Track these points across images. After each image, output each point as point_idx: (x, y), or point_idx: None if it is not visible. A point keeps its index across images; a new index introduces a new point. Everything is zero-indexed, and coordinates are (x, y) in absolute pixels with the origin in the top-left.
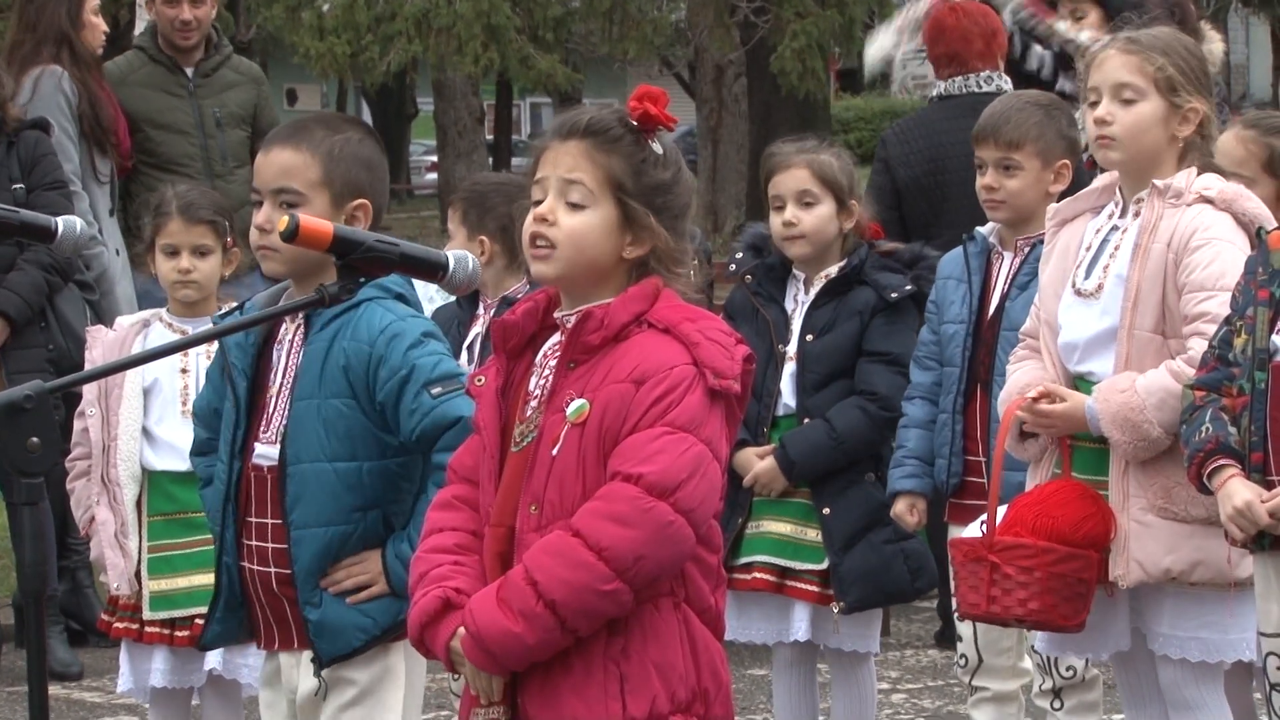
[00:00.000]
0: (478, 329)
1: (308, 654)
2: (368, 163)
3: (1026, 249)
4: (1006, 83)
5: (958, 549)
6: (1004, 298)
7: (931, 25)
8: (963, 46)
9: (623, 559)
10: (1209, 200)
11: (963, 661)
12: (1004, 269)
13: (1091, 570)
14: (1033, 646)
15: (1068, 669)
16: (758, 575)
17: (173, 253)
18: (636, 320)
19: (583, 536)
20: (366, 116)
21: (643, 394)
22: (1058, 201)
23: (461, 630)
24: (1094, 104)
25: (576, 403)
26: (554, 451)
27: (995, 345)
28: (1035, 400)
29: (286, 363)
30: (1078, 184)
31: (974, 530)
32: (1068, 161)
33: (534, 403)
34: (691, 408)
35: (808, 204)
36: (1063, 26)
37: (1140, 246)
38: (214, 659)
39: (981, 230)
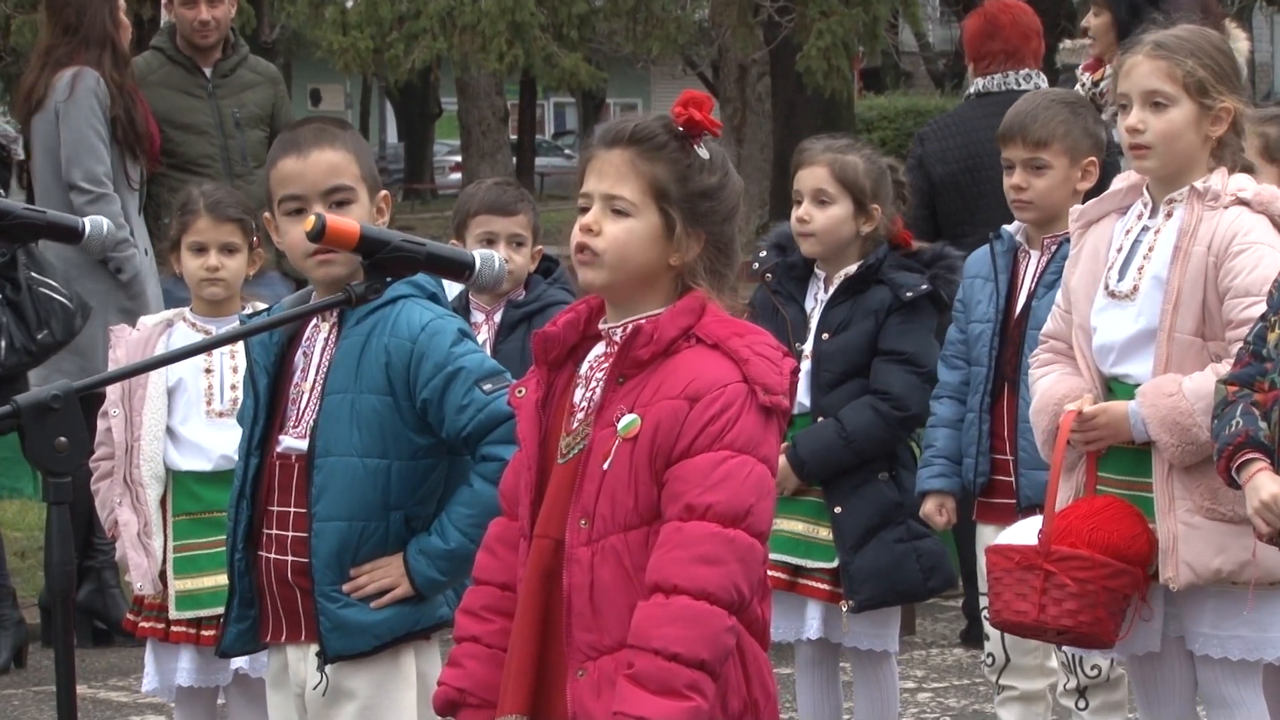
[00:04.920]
0: (484, 336)
1: (314, 647)
2: (371, 155)
3: (1053, 248)
4: (1044, 81)
5: (1005, 556)
6: (1031, 296)
7: (984, 21)
8: (1021, 43)
9: (728, 595)
10: (1245, 202)
11: (990, 660)
12: (1031, 267)
13: (1136, 588)
14: (1059, 645)
15: (1092, 668)
16: (770, 574)
17: (200, 250)
18: (684, 334)
19: (684, 590)
20: (390, 116)
21: (697, 412)
22: (1084, 200)
23: None
24: (1123, 108)
25: (628, 418)
26: (605, 466)
27: (1022, 344)
28: (1082, 413)
29: (320, 358)
30: (1105, 181)
31: (1010, 537)
32: (1095, 159)
33: (580, 415)
34: (748, 429)
35: (822, 202)
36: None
37: (1180, 249)
38: (240, 658)
39: (1008, 229)
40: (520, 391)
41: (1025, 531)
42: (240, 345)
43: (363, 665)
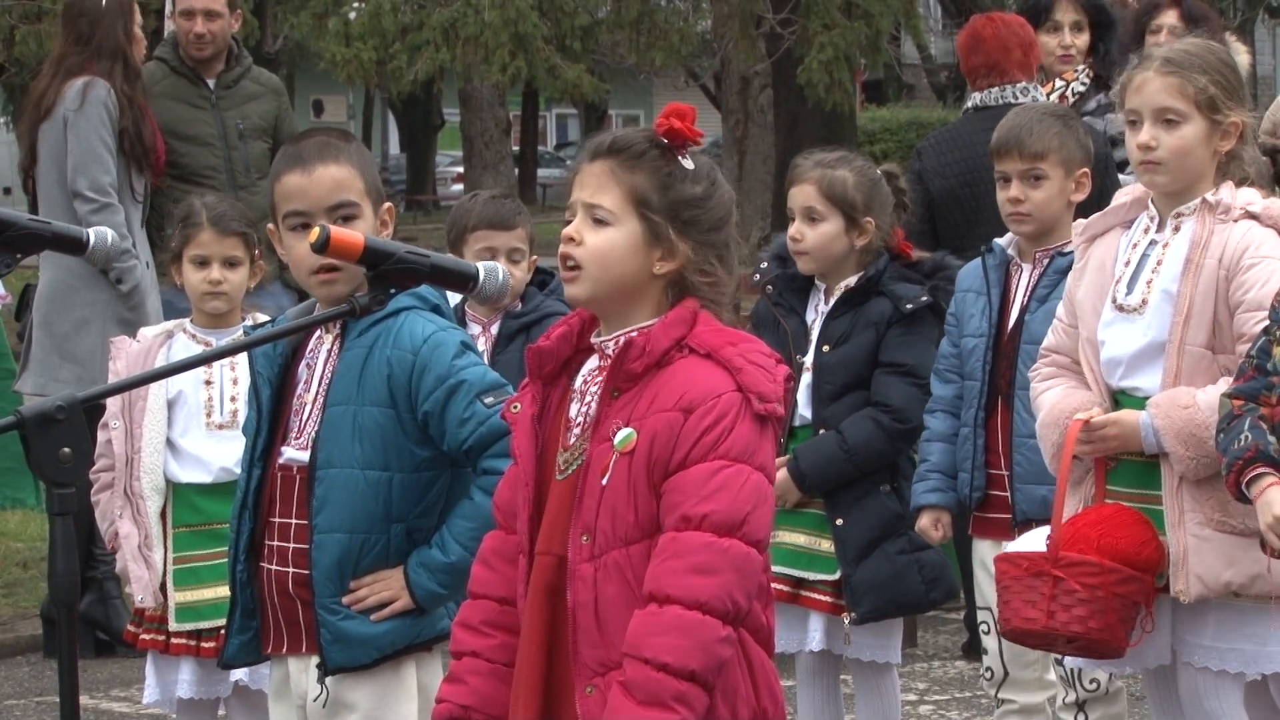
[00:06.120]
0: (481, 348)
1: (315, 659)
2: (375, 167)
3: (1045, 261)
4: (1041, 94)
5: (1014, 563)
6: (1023, 310)
7: (968, 35)
8: (1002, 56)
9: (723, 605)
10: (1255, 216)
11: (988, 674)
12: (1023, 281)
13: (1145, 595)
14: (1056, 659)
15: (1091, 681)
16: (772, 585)
17: (203, 263)
18: (677, 345)
19: (677, 600)
20: (393, 127)
21: (692, 423)
22: (1076, 211)
23: None
24: (1132, 124)
25: (624, 432)
26: (604, 481)
27: (1015, 358)
28: (1089, 423)
29: (323, 370)
30: (1096, 192)
31: (1020, 545)
32: (1087, 170)
33: (577, 430)
34: (743, 437)
35: (813, 220)
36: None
37: (1192, 262)
38: (240, 670)
39: (1000, 242)
40: (515, 407)
41: (1034, 540)
42: (241, 357)
43: (363, 677)
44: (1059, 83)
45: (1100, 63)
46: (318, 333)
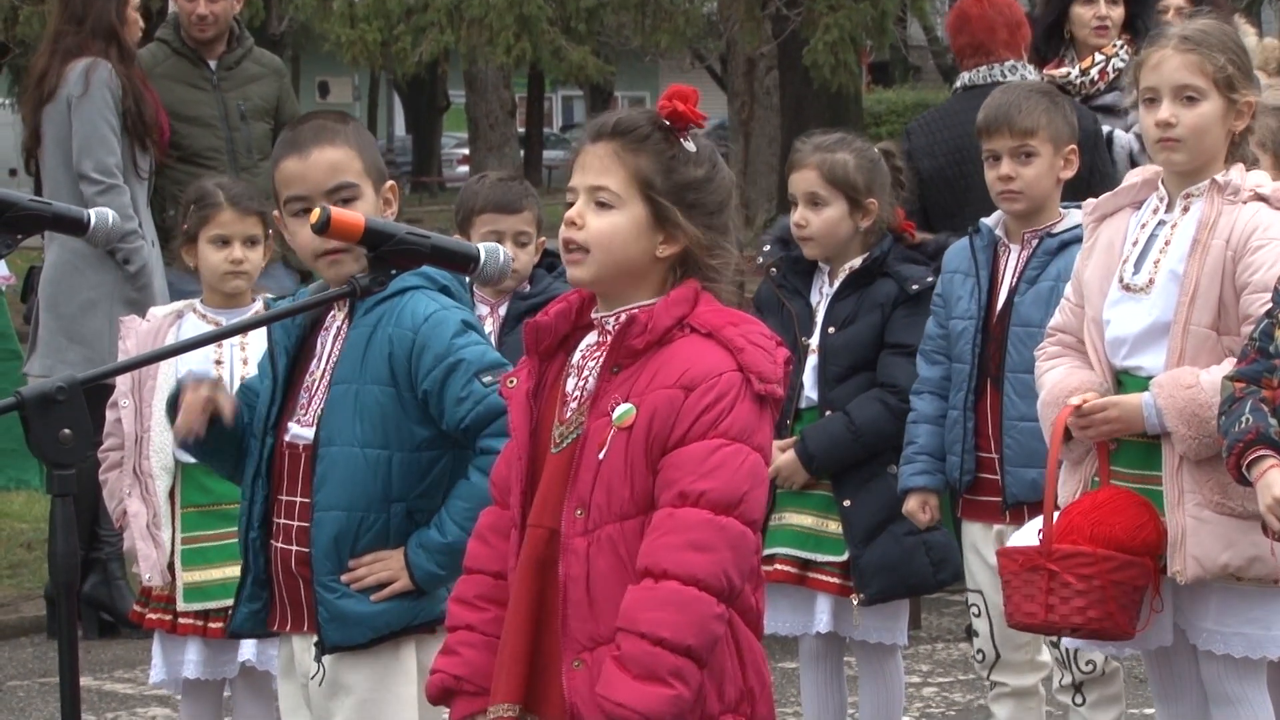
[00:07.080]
0: (489, 329)
1: (315, 638)
2: (376, 146)
3: (1034, 242)
4: (1031, 72)
5: (1011, 559)
6: (1012, 292)
7: (955, 16)
8: (987, 36)
9: (718, 581)
10: (1264, 198)
11: (980, 657)
12: (1011, 262)
13: (1147, 578)
14: (1050, 641)
15: (1087, 663)
16: (779, 567)
17: (224, 243)
18: (679, 324)
19: (674, 575)
20: (399, 109)
21: (692, 401)
22: (1064, 189)
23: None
24: (1149, 101)
25: (623, 407)
26: (600, 455)
27: (1005, 341)
28: (1080, 407)
29: (331, 348)
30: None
31: (1023, 538)
32: (1074, 147)
33: (574, 404)
34: (742, 417)
35: (816, 205)
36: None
37: (1200, 242)
38: (247, 650)
39: (987, 222)
40: (511, 382)
41: (1032, 533)
42: (250, 338)
43: (361, 659)
44: (1098, 56)
45: (1141, 39)
46: (331, 310)
